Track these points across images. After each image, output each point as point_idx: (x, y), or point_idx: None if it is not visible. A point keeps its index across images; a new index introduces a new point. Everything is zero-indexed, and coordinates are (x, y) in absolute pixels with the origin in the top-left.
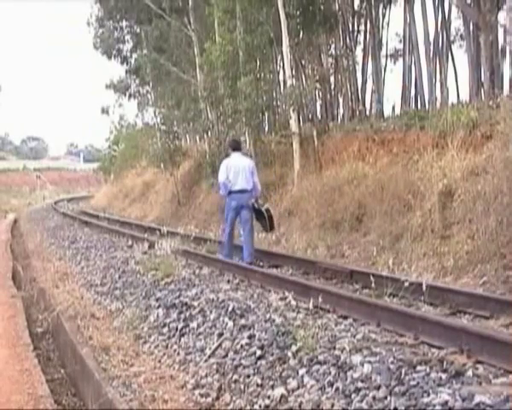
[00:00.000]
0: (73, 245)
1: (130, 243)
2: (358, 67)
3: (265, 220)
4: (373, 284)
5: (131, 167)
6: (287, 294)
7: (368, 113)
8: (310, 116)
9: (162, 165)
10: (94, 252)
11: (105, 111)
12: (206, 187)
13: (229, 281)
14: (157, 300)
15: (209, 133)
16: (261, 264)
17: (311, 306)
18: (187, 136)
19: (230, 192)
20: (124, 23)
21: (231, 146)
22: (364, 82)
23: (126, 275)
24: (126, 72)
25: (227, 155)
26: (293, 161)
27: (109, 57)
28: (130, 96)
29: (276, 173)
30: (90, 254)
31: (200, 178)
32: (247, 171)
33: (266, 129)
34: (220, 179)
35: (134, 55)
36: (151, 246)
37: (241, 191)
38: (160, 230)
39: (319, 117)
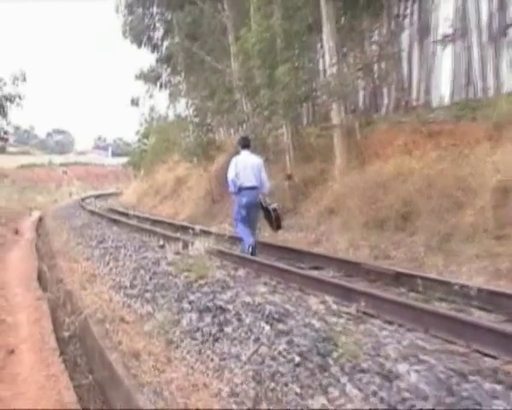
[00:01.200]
0: (101, 245)
1: (161, 242)
2: (404, 55)
3: (273, 219)
4: (420, 288)
5: (163, 162)
6: (327, 297)
7: (414, 103)
8: (352, 107)
9: (195, 159)
10: (123, 252)
11: (135, 102)
12: None
13: (265, 283)
14: (190, 303)
15: (244, 126)
16: (300, 265)
17: (353, 310)
18: (221, 129)
19: (240, 189)
20: (154, 9)
21: (240, 143)
22: (411, 70)
23: (157, 277)
24: (157, 61)
25: (237, 153)
26: (335, 156)
27: (139, 45)
28: (161, 86)
29: (317, 169)
30: (118, 254)
31: None
32: (255, 168)
33: (305, 121)
34: (230, 177)
35: (165, 43)
36: (184, 246)
37: (251, 188)
38: (192, 229)
39: (362, 108)
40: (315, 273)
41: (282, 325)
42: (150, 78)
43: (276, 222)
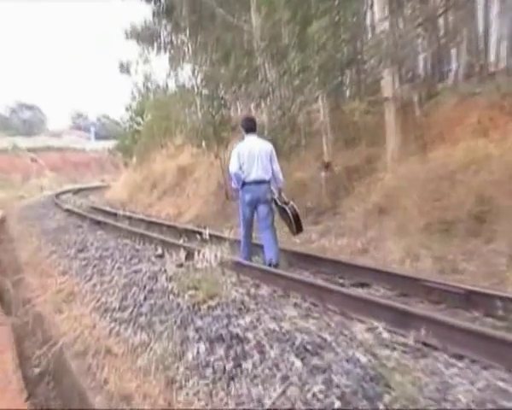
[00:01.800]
0: (82, 254)
1: (159, 251)
2: (479, 6)
3: (290, 220)
4: (500, 312)
5: (161, 147)
6: (376, 323)
7: (493, 69)
8: (409, 75)
9: (204, 143)
10: (110, 264)
11: (125, 69)
12: None
13: (296, 305)
14: (197, 330)
15: (268, 100)
16: (341, 281)
17: (411, 340)
18: (238, 103)
19: (244, 184)
20: None
21: (244, 126)
22: (487, 25)
23: (155, 296)
24: (154, 14)
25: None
26: (386, 139)
27: None
28: (159, 48)
29: (362, 155)
30: (104, 266)
31: None
32: (263, 157)
33: (348, 94)
34: (232, 169)
35: None
36: (189, 256)
37: (258, 182)
38: (201, 233)
39: (423, 76)
40: (360, 292)
41: (317, 359)
42: (145, 37)
43: (295, 223)
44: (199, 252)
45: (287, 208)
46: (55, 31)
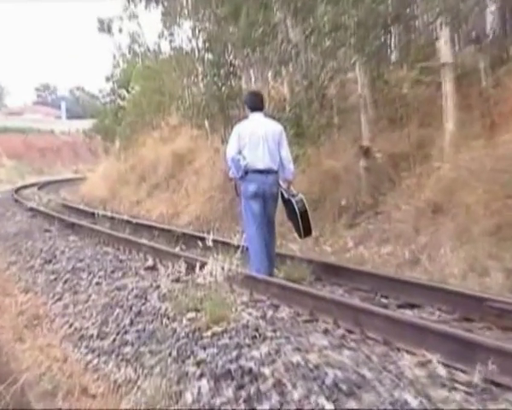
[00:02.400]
0: (50, 266)
1: (150, 262)
2: None
3: (296, 217)
4: None
5: (152, 128)
6: (430, 356)
7: None
8: (474, 35)
9: (207, 123)
10: (86, 279)
11: (105, 28)
12: None
13: (326, 331)
14: (198, 364)
15: (290, 67)
16: (384, 301)
17: (475, 378)
18: (251, 71)
19: (247, 173)
20: None
21: (248, 102)
22: None
23: (144, 320)
24: None
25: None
26: (443, 117)
27: None
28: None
29: (412, 139)
30: (79, 282)
31: None
32: (269, 140)
33: (393, 59)
34: (229, 154)
35: None
36: (188, 268)
37: (263, 172)
38: (203, 239)
39: (491, 36)
40: (409, 315)
41: (353, 402)
42: None
43: (301, 222)
44: (201, 263)
45: (293, 201)
46: None
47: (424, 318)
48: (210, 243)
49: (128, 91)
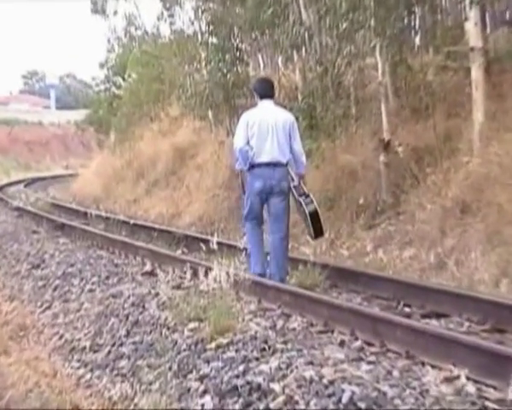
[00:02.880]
0: (38, 272)
1: (148, 266)
2: None
3: (306, 218)
4: None
5: (151, 119)
6: (458, 371)
7: None
8: (508, 15)
9: (211, 114)
10: (78, 285)
11: (99, 9)
12: None
13: (343, 343)
14: (201, 379)
15: (303, 51)
16: (407, 310)
17: (509, 395)
18: (259, 57)
19: (253, 166)
20: None
21: (258, 89)
22: None
23: (142, 330)
24: None
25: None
26: (473, 107)
27: None
28: None
29: (437, 130)
30: (70, 288)
31: None
32: (279, 131)
33: (417, 42)
34: (237, 144)
35: None
36: (191, 273)
37: (272, 165)
38: (206, 241)
39: None
40: (435, 326)
41: None
42: None
43: (312, 223)
44: (204, 268)
45: (302, 202)
46: None
47: (451, 329)
48: (214, 246)
49: (124, 79)
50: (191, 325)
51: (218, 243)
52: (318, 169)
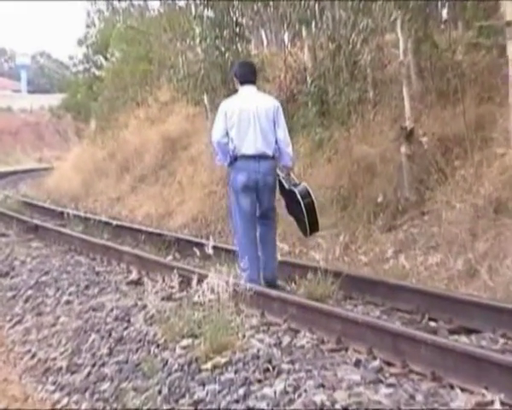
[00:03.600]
0: (6, 281)
1: (134, 274)
2: None
3: (302, 211)
4: None
5: (137, 105)
6: (490, 395)
7: None
8: None
9: (206, 98)
10: (53, 296)
11: None
12: (305, 150)
13: (358, 363)
14: (195, 404)
15: (314, 25)
16: (432, 325)
17: None
18: (262, 32)
19: (235, 159)
20: None
21: (238, 74)
22: None
23: (127, 348)
24: None
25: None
26: (510, 90)
27: None
28: None
29: (468, 117)
30: (44, 300)
31: (291, 128)
32: (263, 119)
33: (444, 16)
34: (214, 137)
35: None
36: (183, 282)
37: (255, 158)
38: (201, 245)
39: None
40: (465, 343)
41: None
42: None
43: (307, 217)
44: (199, 276)
45: (296, 192)
46: None
47: (483, 346)
48: (210, 251)
49: (106, 58)
50: (184, 342)
51: (215, 248)
52: (330, 162)
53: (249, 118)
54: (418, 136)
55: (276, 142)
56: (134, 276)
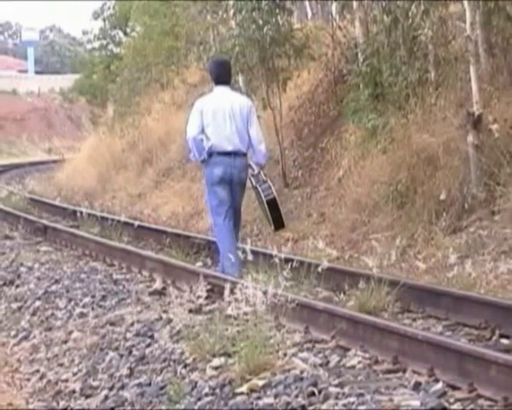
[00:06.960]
0: (12, 290)
1: (158, 283)
2: None
3: (264, 208)
4: None
5: (162, 87)
6: None
7: None
8: None
9: (241, 80)
10: (65, 308)
11: None
12: (356, 140)
13: (418, 386)
14: None
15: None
16: (505, 343)
17: None
18: (306, 3)
19: (211, 155)
20: None
21: (213, 72)
22: None
23: (149, 369)
24: None
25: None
26: None
27: None
28: None
29: None
30: (54, 312)
31: (339, 114)
32: (237, 117)
33: None
34: (190, 134)
35: None
36: (214, 292)
37: (232, 154)
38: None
39: None
40: None
41: None
42: None
43: (270, 213)
44: (232, 285)
45: (259, 189)
46: None
47: None
48: (250, 257)
49: (126, 33)
50: (215, 362)
51: (253, 252)
52: (385, 154)
53: (224, 116)
54: (488, 123)
55: (249, 139)
56: (158, 285)
